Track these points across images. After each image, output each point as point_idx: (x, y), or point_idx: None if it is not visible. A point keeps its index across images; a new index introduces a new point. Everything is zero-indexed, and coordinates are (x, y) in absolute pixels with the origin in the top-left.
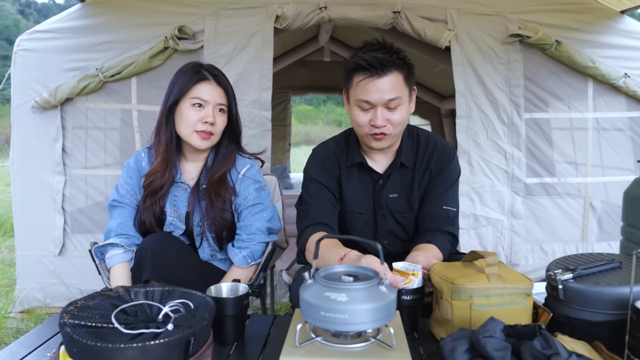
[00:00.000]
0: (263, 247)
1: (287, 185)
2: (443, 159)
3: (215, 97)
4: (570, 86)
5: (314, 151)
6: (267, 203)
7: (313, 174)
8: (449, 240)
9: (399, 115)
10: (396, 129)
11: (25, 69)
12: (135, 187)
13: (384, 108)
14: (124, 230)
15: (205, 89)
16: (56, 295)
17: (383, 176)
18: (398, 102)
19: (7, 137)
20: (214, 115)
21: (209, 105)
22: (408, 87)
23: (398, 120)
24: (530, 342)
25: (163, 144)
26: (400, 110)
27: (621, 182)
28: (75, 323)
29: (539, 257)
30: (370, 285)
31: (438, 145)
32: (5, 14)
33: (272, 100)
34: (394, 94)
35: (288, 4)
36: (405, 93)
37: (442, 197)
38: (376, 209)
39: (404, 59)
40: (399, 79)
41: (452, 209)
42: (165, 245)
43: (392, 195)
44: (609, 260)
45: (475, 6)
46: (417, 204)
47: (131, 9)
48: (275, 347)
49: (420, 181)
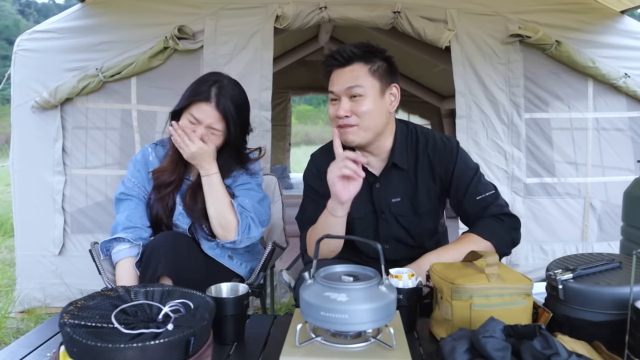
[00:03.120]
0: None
1: (287, 185)
2: (447, 158)
3: (208, 119)
4: (570, 86)
5: (311, 157)
6: (258, 188)
7: (310, 182)
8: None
9: (365, 107)
10: (363, 120)
11: (25, 69)
12: (143, 180)
13: (347, 98)
14: (131, 222)
15: (202, 109)
16: (56, 295)
17: (379, 179)
18: (360, 91)
19: (7, 137)
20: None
21: (201, 125)
22: (377, 79)
23: (363, 111)
24: (530, 342)
25: (171, 146)
26: (365, 102)
27: (621, 182)
28: (75, 323)
29: (539, 257)
30: (370, 285)
31: (439, 144)
32: (5, 14)
33: (272, 100)
34: (353, 82)
35: (288, 4)
36: (370, 84)
37: (471, 191)
38: (377, 214)
39: (374, 52)
40: (362, 69)
41: (487, 194)
42: (177, 242)
43: (395, 199)
44: (609, 260)
45: (475, 6)
46: (423, 207)
47: (131, 9)
48: (275, 347)
49: (427, 184)
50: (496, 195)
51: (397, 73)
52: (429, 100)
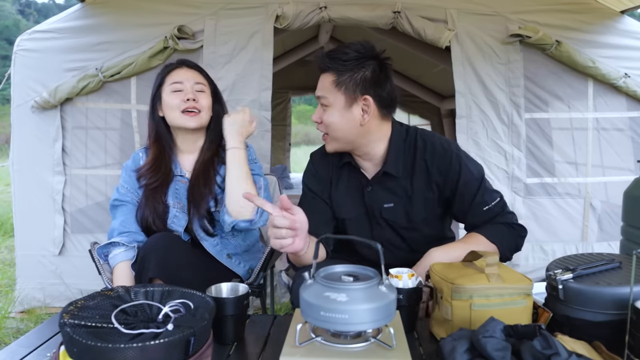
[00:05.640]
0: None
1: (287, 185)
2: (445, 166)
3: (190, 77)
4: (570, 86)
5: (310, 155)
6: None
7: (307, 181)
8: (505, 227)
9: (330, 118)
10: (330, 131)
11: (25, 69)
12: (135, 186)
13: (320, 106)
14: (126, 227)
15: (178, 73)
16: (56, 295)
17: (372, 182)
18: (325, 102)
19: (7, 137)
20: (194, 93)
21: (186, 85)
22: (342, 92)
23: (328, 122)
24: (530, 342)
25: (152, 139)
26: (329, 112)
27: (621, 182)
28: (75, 323)
29: (539, 257)
30: (370, 285)
31: (437, 150)
32: (5, 14)
33: (272, 100)
34: (320, 91)
35: (288, 4)
36: (333, 96)
37: (477, 202)
38: (370, 217)
39: (346, 61)
40: (328, 79)
41: (493, 203)
42: (169, 244)
43: (387, 205)
44: (609, 260)
45: (475, 6)
46: (419, 216)
47: (131, 9)
48: (275, 347)
49: (423, 192)
50: (502, 203)
51: (380, 82)
52: (429, 100)
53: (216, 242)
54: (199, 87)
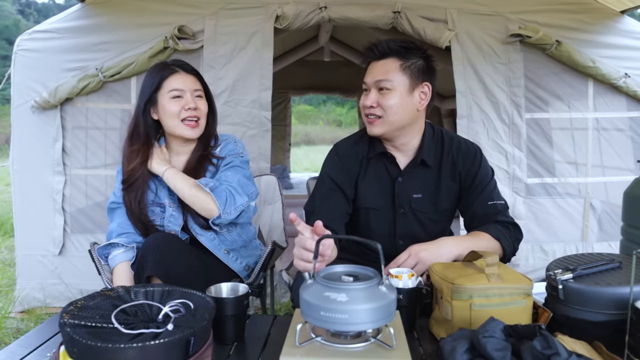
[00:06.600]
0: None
1: (287, 185)
2: (470, 160)
3: (189, 84)
4: (570, 86)
5: (335, 147)
6: (244, 165)
7: (330, 171)
8: (504, 227)
9: (390, 101)
10: (388, 114)
11: (25, 69)
12: None
13: (376, 90)
14: (124, 229)
15: (177, 79)
16: (56, 295)
17: (403, 173)
18: (388, 85)
19: (7, 137)
20: (194, 101)
21: (186, 92)
22: (407, 76)
23: (388, 105)
24: (530, 342)
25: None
26: (391, 96)
27: (621, 182)
28: (75, 323)
29: (539, 257)
30: (370, 285)
31: (462, 146)
32: (5, 14)
33: (272, 100)
34: (383, 76)
35: (288, 4)
36: (399, 80)
37: (484, 194)
38: (396, 208)
39: (410, 49)
40: (394, 64)
41: (499, 202)
42: (167, 244)
43: (416, 195)
44: (609, 260)
45: (475, 6)
46: (443, 205)
47: (131, 9)
48: (275, 347)
49: (449, 183)
50: (506, 206)
51: (434, 73)
52: None
53: (213, 237)
54: (197, 93)
